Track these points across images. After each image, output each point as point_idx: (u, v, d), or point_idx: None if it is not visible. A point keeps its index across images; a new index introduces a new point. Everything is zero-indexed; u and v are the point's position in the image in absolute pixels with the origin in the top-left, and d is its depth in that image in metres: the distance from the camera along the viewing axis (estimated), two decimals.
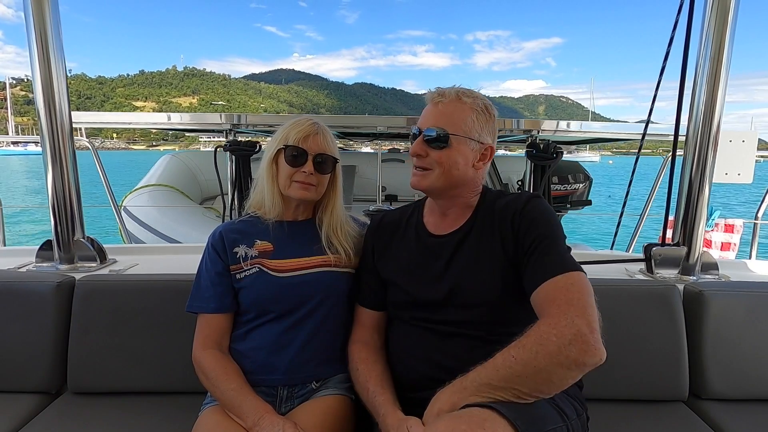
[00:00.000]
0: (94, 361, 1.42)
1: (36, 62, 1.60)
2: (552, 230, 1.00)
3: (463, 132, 1.05)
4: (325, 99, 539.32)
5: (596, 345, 0.81)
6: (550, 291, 0.91)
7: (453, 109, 1.06)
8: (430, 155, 1.06)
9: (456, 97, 1.06)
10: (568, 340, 0.81)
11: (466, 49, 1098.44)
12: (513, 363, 0.84)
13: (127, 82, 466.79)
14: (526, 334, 0.87)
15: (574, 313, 0.84)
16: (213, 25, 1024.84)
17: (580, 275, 0.93)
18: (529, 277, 0.97)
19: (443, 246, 1.11)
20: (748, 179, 1.89)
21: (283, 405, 1.17)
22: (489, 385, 0.85)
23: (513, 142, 5.28)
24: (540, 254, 0.97)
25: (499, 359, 0.86)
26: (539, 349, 0.82)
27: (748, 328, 1.43)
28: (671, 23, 1.87)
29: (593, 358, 0.81)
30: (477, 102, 1.07)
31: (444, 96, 1.07)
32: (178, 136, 16.71)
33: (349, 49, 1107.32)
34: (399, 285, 1.14)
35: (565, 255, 0.97)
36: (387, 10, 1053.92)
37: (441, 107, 1.07)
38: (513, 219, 1.03)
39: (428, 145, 1.06)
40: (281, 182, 1.20)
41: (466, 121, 1.06)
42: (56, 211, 1.72)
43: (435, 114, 1.07)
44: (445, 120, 1.05)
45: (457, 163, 1.06)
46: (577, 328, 0.82)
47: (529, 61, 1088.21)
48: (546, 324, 0.86)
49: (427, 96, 1.11)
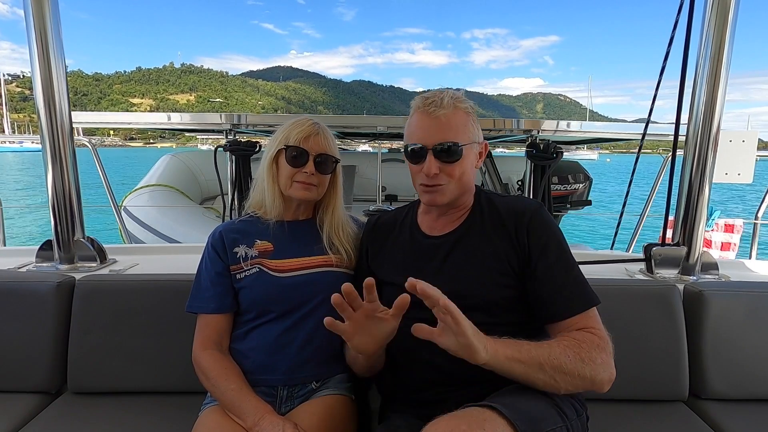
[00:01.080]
0: (94, 361, 1.42)
1: (36, 61, 1.60)
2: (564, 249, 1.03)
3: (468, 139, 1.05)
4: (323, 96, 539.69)
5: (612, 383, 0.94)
6: (583, 320, 0.98)
7: (455, 118, 1.04)
8: (443, 171, 1.03)
9: (454, 106, 1.04)
10: (605, 367, 0.92)
11: (464, 47, 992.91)
12: (568, 361, 0.89)
13: (124, 79, 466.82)
14: (579, 339, 0.93)
15: (611, 348, 0.96)
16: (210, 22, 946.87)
17: (596, 309, 1.01)
18: (553, 303, 0.99)
19: (438, 247, 1.10)
20: (748, 179, 1.89)
21: (283, 405, 1.17)
22: (540, 365, 0.88)
23: (513, 142, 5.28)
24: (565, 283, 1.00)
25: (557, 349, 0.90)
26: (589, 361, 0.91)
27: (748, 328, 1.43)
28: (669, 22, 1.87)
29: (606, 389, 0.93)
30: (468, 105, 1.07)
31: (443, 106, 1.03)
32: (176, 134, 16.72)
33: (346, 46, 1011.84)
34: (394, 286, 1.14)
35: (586, 284, 1.02)
36: (384, 7, 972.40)
37: (443, 119, 1.03)
38: (518, 229, 1.04)
39: (440, 161, 1.03)
40: (282, 182, 1.20)
41: (468, 127, 1.05)
42: (56, 211, 1.72)
43: (439, 126, 1.03)
44: (453, 132, 1.03)
45: (467, 170, 1.06)
46: (611, 359, 0.94)
47: (527, 59, 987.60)
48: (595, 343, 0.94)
49: (418, 105, 1.06)
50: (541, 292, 1.00)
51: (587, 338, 0.94)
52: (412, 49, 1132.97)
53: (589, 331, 0.96)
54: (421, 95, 1.08)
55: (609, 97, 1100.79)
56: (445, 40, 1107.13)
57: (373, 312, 0.91)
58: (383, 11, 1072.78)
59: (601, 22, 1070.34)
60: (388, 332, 0.94)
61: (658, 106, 2.20)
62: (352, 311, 0.90)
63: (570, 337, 0.94)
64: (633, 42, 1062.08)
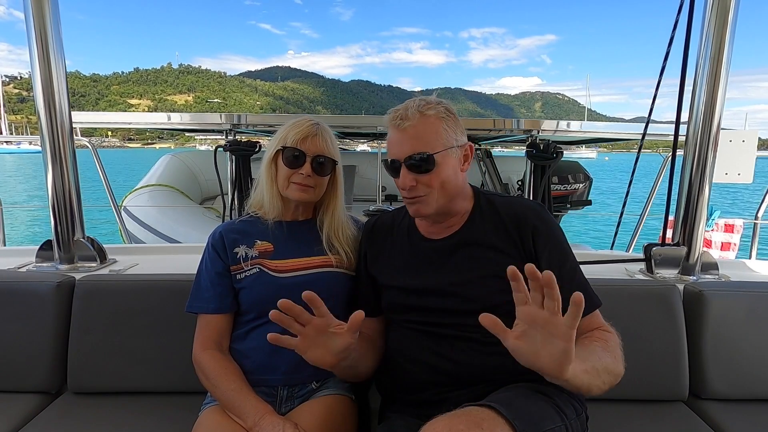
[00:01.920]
0: (94, 361, 1.42)
1: (36, 62, 1.60)
2: (568, 252, 1.05)
3: (442, 146, 1.02)
4: (321, 96, 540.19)
5: None
6: (592, 322, 1.02)
7: (423, 127, 1.01)
8: (420, 182, 1.02)
9: (419, 114, 1.01)
10: (623, 362, 0.96)
11: (461, 46, 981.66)
12: (610, 361, 0.91)
13: (122, 79, 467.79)
14: (606, 338, 0.97)
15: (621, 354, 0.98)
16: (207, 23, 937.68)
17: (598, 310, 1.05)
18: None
19: (438, 251, 1.10)
20: (748, 179, 1.89)
21: (283, 405, 1.17)
22: (596, 370, 0.87)
23: (513, 142, 5.29)
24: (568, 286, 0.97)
25: (600, 351, 0.92)
26: (619, 357, 0.95)
27: (748, 328, 1.43)
28: (665, 21, 1.87)
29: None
30: (439, 109, 1.03)
31: (407, 118, 1.01)
32: (174, 135, 16.65)
33: (344, 46, 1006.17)
34: (393, 289, 1.14)
35: (589, 286, 1.05)
36: (381, 7, 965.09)
37: (410, 130, 1.01)
38: (521, 232, 1.04)
39: (414, 172, 1.01)
40: (280, 183, 1.19)
41: (440, 134, 1.02)
42: (56, 211, 1.72)
43: (406, 139, 1.02)
44: (421, 142, 1.01)
45: (449, 178, 1.03)
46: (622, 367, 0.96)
47: (524, 58, 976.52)
48: (617, 342, 0.99)
49: (389, 120, 1.05)
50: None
51: (609, 337, 0.98)
52: (410, 48, 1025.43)
53: (605, 329, 1.01)
54: (392, 109, 1.06)
55: (606, 96, 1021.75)
56: (443, 39, 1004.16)
57: (326, 327, 0.89)
58: (380, 11, 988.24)
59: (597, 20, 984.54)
60: (343, 346, 0.90)
61: (656, 104, 2.20)
62: (299, 326, 0.87)
63: (600, 339, 0.97)
64: (629, 40, 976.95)
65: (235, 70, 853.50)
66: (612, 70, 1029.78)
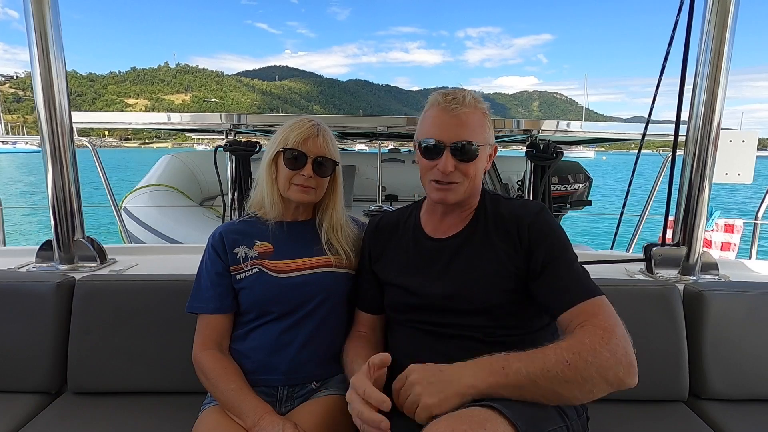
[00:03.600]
0: (94, 361, 1.42)
1: (36, 62, 1.60)
2: (566, 247, 1.02)
3: (484, 140, 1.04)
4: (319, 96, 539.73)
5: (636, 370, 0.87)
6: (587, 310, 0.92)
7: (475, 118, 1.03)
8: (458, 169, 1.02)
9: (474, 105, 1.03)
10: (618, 360, 0.84)
11: (458, 45, 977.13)
12: (565, 368, 0.83)
13: (119, 79, 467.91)
14: (578, 339, 0.87)
15: (620, 332, 0.88)
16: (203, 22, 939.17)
17: (606, 299, 0.96)
18: (556, 297, 0.97)
19: (442, 250, 1.10)
20: (748, 179, 1.89)
21: (283, 405, 1.17)
22: (535, 383, 0.83)
23: (513, 142, 5.29)
24: (565, 276, 0.98)
25: (551, 359, 0.84)
26: (593, 360, 0.83)
27: (748, 328, 1.43)
28: (659, 19, 1.91)
29: (633, 382, 0.86)
30: (486, 106, 1.07)
31: (464, 104, 1.01)
32: (171, 134, 16.59)
33: (340, 45, 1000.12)
34: (396, 287, 1.14)
35: (589, 278, 1.00)
36: (377, 6, 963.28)
37: (463, 117, 1.01)
38: (520, 231, 1.03)
39: (456, 158, 1.02)
40: (281, 184, 1.19)
41: (485, 129, 1.05)
42: (56, 211, 1.72)
43: (459, 124, 1.01)
44: (471, 131, 1.02)
45: (479, 171, 1.06)
46: (627, 349, 0.86)
47: (521, 57, 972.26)
48: (598, 337, 0.86)
49: (438, 101, 1.03)
50: (544, 288, 0.99)
51: (588, 336, 0.86)
52: (406, 48, 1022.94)
53: (591, 324, 0.89)
54: (441, 91, 1.06)
55: (603, 95, 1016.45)
56: (439, 38, 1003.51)
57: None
58: (376, 10, 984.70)
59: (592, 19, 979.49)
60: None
61: (654, 103, 2.20)
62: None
63: (571, 340, 0.88)
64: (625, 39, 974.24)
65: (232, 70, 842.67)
66: (608, 70, 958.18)
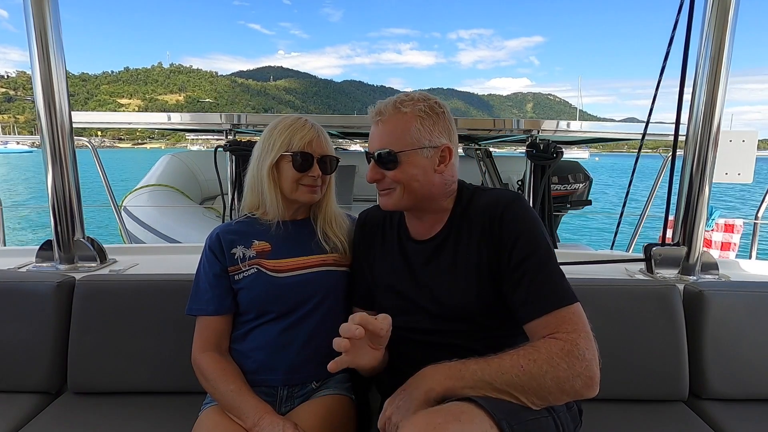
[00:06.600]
0: (94, 361, 1.42)
1: (36, 61, 1.60)
2: (539, 243, 0.96)
3: (409, 145, 1.00)
4: (314, 97, 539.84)
5: (598, 382, 0.85)
6: (552, 322, 0.89)
7: (394, 123, 1.01)
8: (387, 176, 1.03)
9: (394, 109, 1.01)
10: (577, 373, 0.83)
11: (450, 47, 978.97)
12: (520, 373, 0.84)
13: (112, 79, 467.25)
14: (536, 347, 0.86)
15: (584, 345, 0.86)
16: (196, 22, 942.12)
17: (578, 306, 0.92)
18: (523, 304, 0.93)
19: (420, 253, 1.09)
20: (748, 179, 1.89)
21: (283, 405, 1.17)
22: (490, 385, 0.85)
23: (513, 142, 5.29)
24: (534, 280, 0.93)
25: (507, 363, 0.85)
26: (549, 369, 0.83)
27: (748, 328, 1.43)
28: (650, 23, 1.90)
29: (591, 394, 0.85)
30: (418, 106, 1.01)
31: (382, 113, 1.02)
32: (165, 134, 16.52)
33: (333, 46, 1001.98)
34: (380, 288, 1.14)
35: (561, 281, 0.94)
36: (370, 8, 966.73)
37: (382, 126, 1.03)
38: (492, 226, 0.99)
39: (381, 167, 1.03)
40: (286, 187, 1.18)
41: (411, 132, 1.00)
42: (56, 211, 1.72)
43: (379, 134, 1.03)
44: (389, 138, 1.01)
45: (415, 176, 1.01)
46: (587, 363, 0.84)
47: (513, 59, 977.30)
48: (557, 348, 0.85)
49: (369, 115, 1.07)
50: (513, 292, 0.95)
51: (546, 346, 0.86)
52: (399, 49, 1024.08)
53: (553, 337, 0.87)
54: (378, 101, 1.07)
55: (594, 97, 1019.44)
56: (431, 40, 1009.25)
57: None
58: (369, 12, 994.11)
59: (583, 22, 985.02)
60: (372, 359, 1.00)
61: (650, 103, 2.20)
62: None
63: (529, 348, 0.87)
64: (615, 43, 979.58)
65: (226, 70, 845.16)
66: (600, 72, 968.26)
